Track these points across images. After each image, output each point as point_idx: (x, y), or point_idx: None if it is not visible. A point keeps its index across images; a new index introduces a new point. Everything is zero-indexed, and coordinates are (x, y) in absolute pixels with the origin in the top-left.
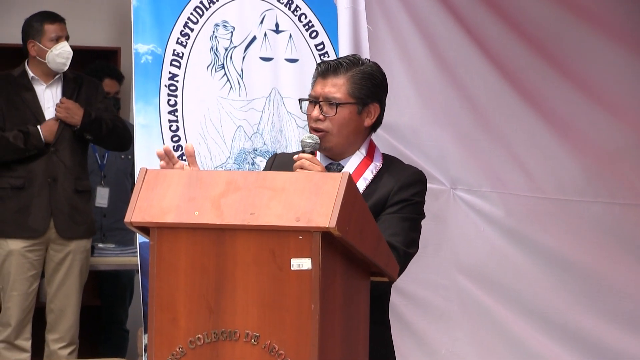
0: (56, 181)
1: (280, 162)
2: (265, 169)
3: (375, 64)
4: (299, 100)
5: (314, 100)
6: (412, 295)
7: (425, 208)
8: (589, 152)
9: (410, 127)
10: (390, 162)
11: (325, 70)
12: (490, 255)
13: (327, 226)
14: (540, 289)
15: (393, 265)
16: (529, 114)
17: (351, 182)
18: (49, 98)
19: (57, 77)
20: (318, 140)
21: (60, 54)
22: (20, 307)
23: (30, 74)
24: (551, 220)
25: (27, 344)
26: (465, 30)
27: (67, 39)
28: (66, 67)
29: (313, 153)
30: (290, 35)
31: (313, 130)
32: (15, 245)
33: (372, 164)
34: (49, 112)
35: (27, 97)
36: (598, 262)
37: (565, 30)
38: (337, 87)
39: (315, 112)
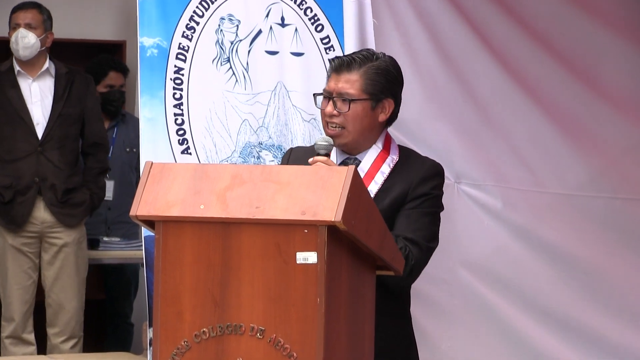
0: (45, 180)
1: (296, 157)
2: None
3: (391, 58)
4: (314, 95)
5: (328, 96)
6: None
7: None
8: (592, 146)
9: (415, 121)
10: (407, 155)
11: (339, 65)
12: (493, 250)
13: (333, 220)
14: (543, 283)
15: (399, 259)
16: (532, 109)
17: (357, 176)
18: (36, 92)
19: (44, 69)
20: (332, 142)
21: (13, 42)
22: (22, 300)
23: (17, 67)
24: (553, 215)
25: (32, 337)
26: (469, 25)
27: (29, 26)
28: (26, 56)
29: (327, 155)
30: (296, 29)
31: (326, 125)
32: (11, 240)
33: (389, 157)
34: (37, 106)
35: (12, 94)
36: (601, 257)
37: (570, 25)
38: (350, 83)
39: (329, 107)
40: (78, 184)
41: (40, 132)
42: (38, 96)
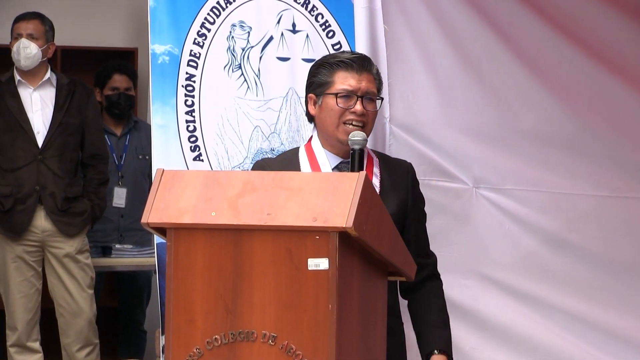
0: (45, 189)
1: (271, 166)
2: None
3: None
4: (336, 95)
5: (352, 94)
6: None
7: (448, 207)
8: (631, 145)
9: (430, 126)
10: (382, 156)
11: (361, 65)
12: (515, 254)
13: (344, 226)
14: (569, 287)
15: (410, 264)
16: (558, 109)
17: (368, 182)
18: (37, 101)
19: (45, 79)
20: (366, 137)
21: (15, 52)
22: (25, 308)
23: (17, 77)
24: (585, 218)
25: (37, 345)
26: (490, 23)
27: (31, 37)
28: (28, 66)
29: (362, 149)
30: (307, 35)
31: (344, 124)
32: (12, 248)
33: (374, 159)
34: (37, 115)
35: (12, 104)
36: (632, 260)
37: (601, 20)
38: (372, 83)
39: (359, 106)
40: (78, 194)
41: (40, 140)
42: (39, 105)
